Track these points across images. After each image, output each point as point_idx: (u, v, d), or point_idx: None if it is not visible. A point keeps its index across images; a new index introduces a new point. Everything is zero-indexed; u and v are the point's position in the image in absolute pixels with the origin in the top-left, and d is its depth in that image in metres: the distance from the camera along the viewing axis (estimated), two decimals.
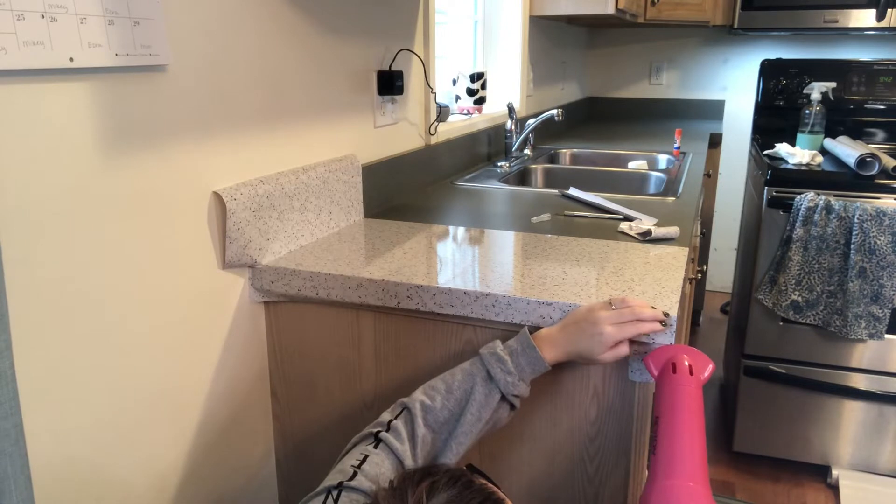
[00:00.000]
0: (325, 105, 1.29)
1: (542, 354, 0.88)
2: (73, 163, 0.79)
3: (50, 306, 0.78)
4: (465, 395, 0.86)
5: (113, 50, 0.81)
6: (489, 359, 0.88)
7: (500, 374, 0.87)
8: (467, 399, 0.86)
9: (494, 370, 0.87)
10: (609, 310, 0.88)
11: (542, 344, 0.89)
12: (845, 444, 2.08)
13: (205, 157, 1.00)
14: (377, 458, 0.79)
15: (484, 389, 0.86)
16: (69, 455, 0.83)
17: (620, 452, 1.00)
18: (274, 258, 1.13)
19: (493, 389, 0.86)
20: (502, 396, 0.87)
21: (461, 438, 0.86)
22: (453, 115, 2.08)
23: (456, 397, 0.86)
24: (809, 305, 1.96)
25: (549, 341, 0.89)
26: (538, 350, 0.88)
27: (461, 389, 0.87)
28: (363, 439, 0.83)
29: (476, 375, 0.87)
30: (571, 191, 1.65)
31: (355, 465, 0.77)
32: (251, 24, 1.06)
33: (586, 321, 0.88)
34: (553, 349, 0.89)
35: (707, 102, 3.43)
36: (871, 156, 1.92)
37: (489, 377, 0.87)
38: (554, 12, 2.39)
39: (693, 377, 0.85)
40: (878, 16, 2.56)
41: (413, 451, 0.82)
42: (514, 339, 0.90)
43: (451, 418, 0.86)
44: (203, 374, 1.04)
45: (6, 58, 0.70)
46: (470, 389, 0.86)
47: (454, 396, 0.86)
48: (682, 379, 0.85)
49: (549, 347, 0.89)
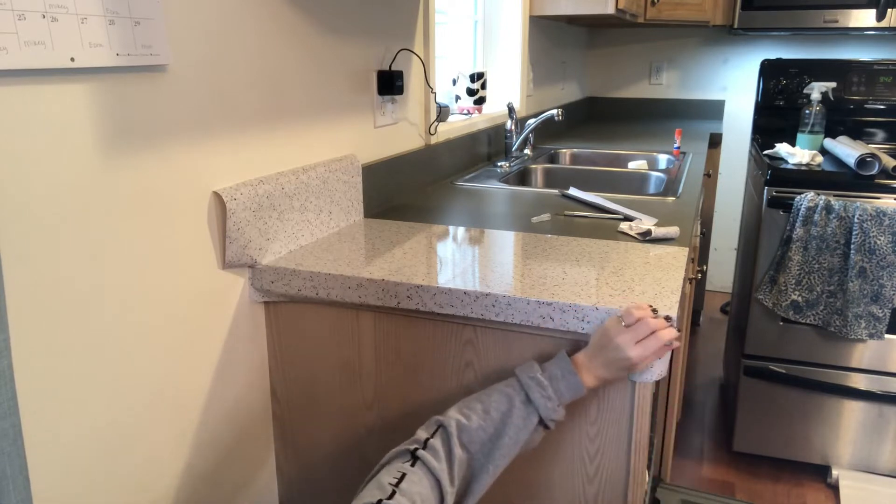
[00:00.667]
0: (325, 105, 1.29)
1: (582, 380, 0.88)
2: (73, 163, 0.79)
3: (49, 306, 0.78)
4: (502, 417, 0.85)
5: (114, 50, 0.81)
6: (529, 383, 0.87)
7: (540, 400, 0.86)
8: (505, 422, 0.85)
9: (534, 395, 0.86)
10: (625, 331, 0.87)
11: (580, 370, 0.89)
12: (845, 444, 2.08)
13: (205, 157, 1.00)
14: (415, 476, 0.78)
15: (522, 413, 0.86)
16: (68, 455, 0.83)
17: (620, 452, 1.00)
18: (274, 258, 1.13)
19: (531, 413, 0.86)
20: (540, 420, 0.87)
21: (498, 461, 0.85)
22: (453, 115, 2.08)
23: (493, 419, 0.85)
24: (809, 305, 1.96)
25: (586, 368, 0.89)
26: (578, 376, 0.88)
27: (499, 411, 0.86)
28: (399, 456, 0.81)
29: (515, 398, 0.87)
30: (571, 191, 1.65)
31: (393, 483, 0.76)
32: (251, 24, 1.06)
33: (607, 348, 0.88)
34: (590, 375, 0.89)
35: (707, 102, 3.43)
36: (871, 156, 1.92)
37: (528, 400, 0.86)
38: (554, 12, 2.39)
39: None
40: (878, 16, 2.56)
41: (450, 471, 0.81)
42: (552, 364, 0.89)
43: (487, 440, 0.85)
44: (203, 374, 1.04)
45: (7, 58, 0.70)
46: (508, 412, 0.85)
47: (491, 418, 0.85)
48: None
49: (587, 374, 0.89)
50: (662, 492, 1.91)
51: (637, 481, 1.01)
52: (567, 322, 0.95)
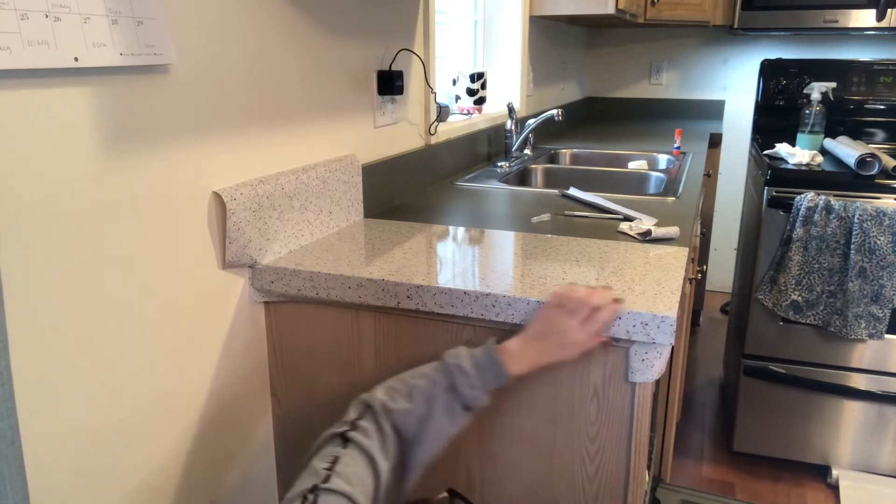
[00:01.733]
0: (325, 105, 1.29)
1: (508, 369, 0.89)
2: (74, 162, 0.79)
3: (49, 306, 0.78)
4: (427, 402, 0.86)
5: (117, 49, 0.81)
6: (455, 370, 0.88)
7: (465, 389, 0.87)
8: (430, 407, 0.86)
9: (459, 383, 0.87)
10: (568, 316, 0.89)
11: (509, 358, 0.89)
12: (845, 444, 2.08)
13: (205, 157, 1.00)
14: (348, 458, 0.78)
15: (446, 399, 0.87)
16: (66, 456, 0.83)
17: (620, 452, 1.00)
18: (274, 258, 1.13)
19: (455, 400, 0.87)
20: (464, 407, 0.88)
21: (427, 445, 0.86)
22: (453, 115, 2.08)
23: (418, 403, 0.86)
24: (809, 305, 1.96)
25: (516, 356, 0.90)
26: (504, 366, 0.89)
27: (423, 395, 0.86)
28: (329, 440, 0.81)
29: (439, 384, 0.87)
30: (571, 191, 1.65)
31: (327, 466, 0.76)
32: (251, 24, 1.06)
33: (553, 333, 0.89)
34: (520, 363, 0.90)
35: (707, 102, 3.43)
36: (871, 156, 1.92)
37: (453, 388, 0.87)
38: (554, 12, 2.39)
39: None
40: (878, 16, 2.56)
41: (383, 448, 0.82)
42: (480, 352, 0.90)
43: (413, 423, 0.85)
44: (203, 374, 1.04)
45: (11, 57, 0.70)
46: (432, 397, 0.86)
47: (416, 402, 0.86)
48: None
49: (517, 362, 0.90)
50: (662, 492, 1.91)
51: (637, 481, 1.01)
52: None
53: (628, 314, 0.92)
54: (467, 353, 0.90)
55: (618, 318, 0.92)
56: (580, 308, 0.89)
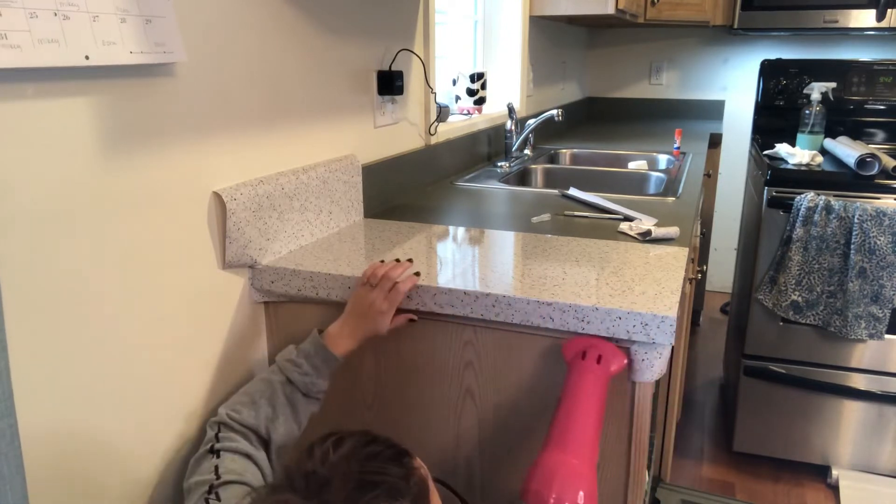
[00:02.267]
0: (325, 105, 1.29)
1: (334, 351, 0.97)
2: (74, 162, 0.79)
3: (49, 306, 0.78)
4: (269, 401, 0.94)
5: (127, 47, 0.81)
6: (286, 365, 0.96)
7: (298, 378, 0.95)
8: (273, 405, 0.94)
9: (293, 375, 0.95)
10: (372, 290, 0.98)
11: (333, 341, 0.97)
12: (845, 444, 2.08)
13: (205, 157, 1.00)
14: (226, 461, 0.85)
15: (285, 392, 0.95)
16: (65, 456, 0.83)
17: (620, 452, 1.00)
18: (274, 258, 1.13)
19: (294, 391, 0.95)
20: (304, 395, 0.96)
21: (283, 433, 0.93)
22: (453, 115, 2.08)
23: (260, 405, 0.93)
24: (809, 305, 1.96)
25: (338, 337, 0.98)
26: (329, 349, 0.96)
27: (263, 397, 0.94)
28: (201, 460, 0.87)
29: (275, 382, 0.95)
30: (571, 191, 1.65)
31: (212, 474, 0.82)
32: (251, 24, 1.06)
33: (362, 307, 0.98)
34: (342, 342, 0.98)
35: (707, 102, 3.43)
36: (871, 156, 1.92)
37: (288, 381, 0.95)
38: (554, 12, 2.39)
39: (600, 366, 0.90)
40: (878, 16, 2.56)
41: (252, 445, 0.89)
42: (306, 342, 0.98)
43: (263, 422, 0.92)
44: (203, 374, 1.04)
45: (22, 56, 0.69)
46: (272, 396, 0.94)
47: (258, 405, 0.93)
48: (590, 366, 0.90)
49: (339, 342, 0.97)
50: (662, 492, 1.91)
51: (637, 481, 1.01)
52: (567, 322, 0.95)
53: (628, 314, 0.92)
54: (295, 348, 0.98)
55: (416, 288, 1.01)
56: (383, 282, 0.98)
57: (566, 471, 0.79)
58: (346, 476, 0.61)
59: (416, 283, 1.01)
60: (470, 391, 1.06)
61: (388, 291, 0.98)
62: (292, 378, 0.95)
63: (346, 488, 0.60)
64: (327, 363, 0.97)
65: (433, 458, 1.11)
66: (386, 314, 0.98)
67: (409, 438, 1.11)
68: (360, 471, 0.62)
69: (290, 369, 0.96)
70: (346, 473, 0.61)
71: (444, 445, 1.10)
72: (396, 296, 0.98)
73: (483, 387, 1.05)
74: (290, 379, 0.95)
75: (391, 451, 0.66)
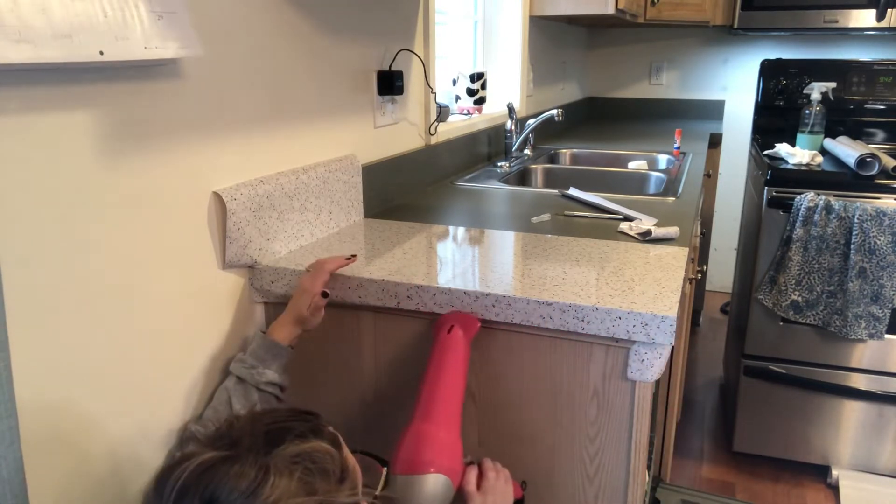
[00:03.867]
0: (325, 105, 1.29)
1: (275, 339, 0.99)
2: (75, 162, 0.79)
3: (49, 306, 0.78)
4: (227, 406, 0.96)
5: (141, 43, 0.80)
6: (234, 366, 0.99)
7: (244, 371, 0.98)
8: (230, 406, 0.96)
9: (238, 370, 0.98)
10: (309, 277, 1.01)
11: (275, 330, 1.00)
12: (845, 444, 2.08)
13: (205, 157, 0.99)
14: None
15: (240, 392, 0.97)
16: (65, 458, 0.83)
17: (620, 452, 1.00)
18: (274, 258, 1.13)
19: (246, 388, 0.97)
20: (257, 389, 0.97)
21: None
22: (453, 115, 2.08)
23: (221, 412, 0.96)
24: (809, 305, 1.96)
25: (279, 326, 1.01)
26: (271, 338, 0.99)
27: (223, 403, 0.97)
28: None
29: (228, 384, 0.98)
30: (571, 191, 1.65)
31: None
32: (252, 25, 1.06)
33: (301, 296, 1.01)
34: (282, 329, 1.00)
35: (707, 102, 3.43)
36: (871, 156, 1.92)
37: (239, 380, 0.98)
38: (554, 12, 2.39)
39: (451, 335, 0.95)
40: (878, 16, 2.56)
41: None
42: (252, 339, 1.01)
43: None
44: (203, 374, 1.04)
45: (35, 51, 0.68)
46: (228, 400, 0.97)
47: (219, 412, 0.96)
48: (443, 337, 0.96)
49: (279, 330, 1.00)
50: (662, 492, 1.91)
51: (637, 481, 1.01)
52: (567, 322, 0.95)
53: (628, 314, 0.92)
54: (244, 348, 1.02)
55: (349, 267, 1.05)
56: (315, 266, 1.02)
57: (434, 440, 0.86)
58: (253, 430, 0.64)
59: (344, 264, 1.04)
60: (470, 391, 1.06)
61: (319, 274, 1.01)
62: (240, 374, 0.98)
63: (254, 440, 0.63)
64: (270, 351, 0.99)
65: None
66: (307, 292, 1.00)
67: None
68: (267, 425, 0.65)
69: (236, 367, 0.99)
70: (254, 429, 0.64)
71: None
72: (319, 273, 1.01)
73: (483, 387, 1.05)
74: (239, 377, 0.98)
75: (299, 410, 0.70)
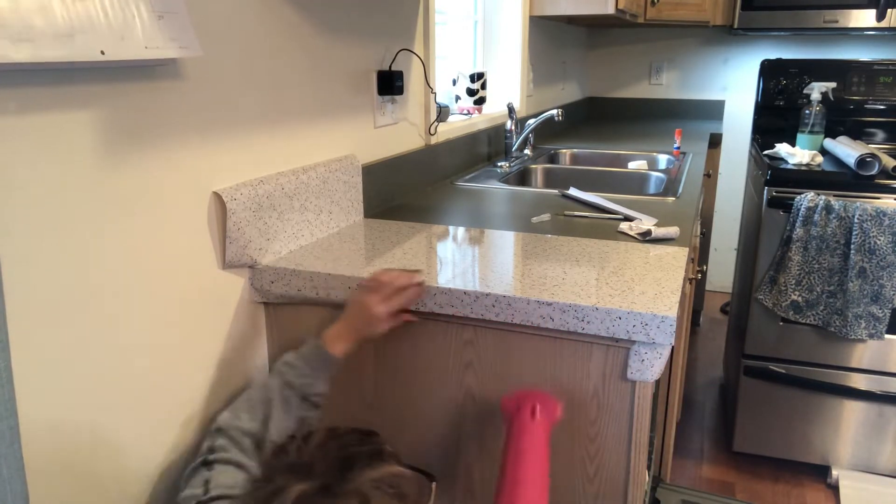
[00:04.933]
0: (325, 105, 1.29)
1: (332, 352, 0.97)
2: (75, 162, 0.79)
3: (49, 306, 0.78)
4: (265, 406, 0.93)
5: (142, 43, 0.80)
6: (282, 369, 0.96)
7: (296, 380, 0.95)
8: (269, 409, 0.93)
9: (290, 378, 0.95)
10: (371, 294, 0.98)
11: (330, 342, 0.97)
12: (845, 444, 2.08)
13: (205, 157, 1.00)
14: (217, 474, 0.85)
15: (283, 396, 0.94)
16: (65, 458, 0.83)
17: (620, 452, 1.00)
18: (274, 258, 1.13)
19: (292, 395, 0.94)
20: (302, 398, 0.95)
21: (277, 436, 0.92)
22: (453, 115, 2.08)
23: (258, 410, 0.93)
24: (809, 305, 1.96)
25: (336, 338, 0.98)
26: (326, 349, 0.97)
27: (262, 402, 0.93)
28: (194, 472, 0.87)
29: (273, 386, 0.95)
30: (571, 191, 1.65)
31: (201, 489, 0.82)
32: (252, 24, 1.06)
33: (360, 311, 0.99)
34: (339, 343, 0.98)
35: (707, 102, 3.43)
36: (871, 156, 1.92)
37: (287, 385, 0.95)
38: (554, 12, 2.39)
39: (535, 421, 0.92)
40: (878, 16, 2.56)
41: (244, 453, 0.89)
42: (305, 345, 0.98)
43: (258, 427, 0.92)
44: (203, 374, 1.04)
45: (37, 50, 0.68)
46: (269, 401, 0.93)
47: (256, 410, 0.93)
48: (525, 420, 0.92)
49: (337, 343, 0.98)
50: (662, 492, 1.91)
51: (637, 481, 1.01)
52: (567, 322, 0.95)
53: (628, 314, 0.92)
54: (294, 351, 0.98)
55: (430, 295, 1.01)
56: (382, 287, 0.98)
57: None
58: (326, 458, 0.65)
59: (419, 295, 1.01)
60: (470, 391, 1.06)
61: (387, 296, 0.98)
62: (289, 380, 0.95)
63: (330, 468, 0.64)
64: (325, 364, 0.97)
65: (433, 458, 1.11)
66: (381, 318, 0.98)
67: (410, 438, 1.11)
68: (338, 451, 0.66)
69: (286, 372, 0.95)
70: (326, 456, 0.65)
71: (445, 445, 1.10)
72: (395, 301, 0.99)
73: (483, 387, 1.05)
74: (288, 381, 0.95)
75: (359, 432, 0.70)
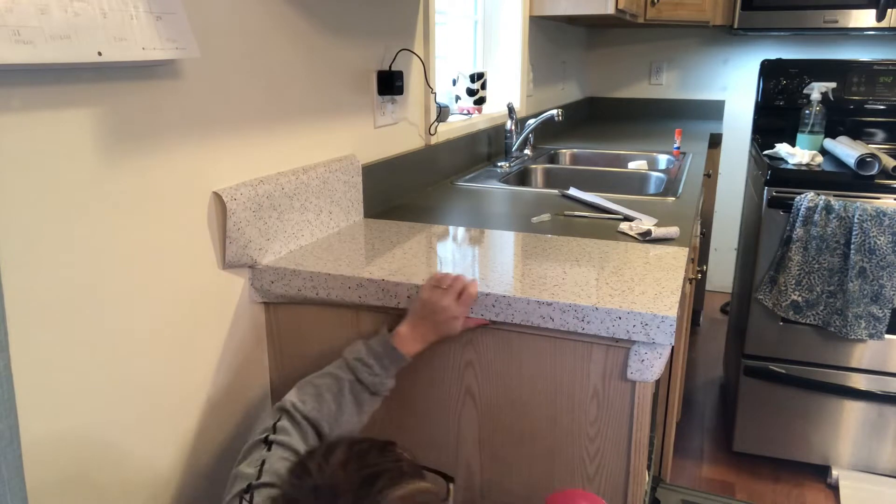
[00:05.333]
0: (325, 105, 1.29)
1: (405, 351, 0.96)
2: (74, 162, 0.79)
3: (49, 306, 0.78)
4: (335, 398, 0.93)
5: (140, 44, 0.80)
6: (356, 365, 0.96)
7: (368, 378, 0.95)
8: (339, 402, 0.93)
9: (362, 375, 0.95)
10: (446, 293, 0.97)
11: (402, 341, 0.97)
12: (845, 444, 2.08)
13: (205, 157, 1.00)
14: (274, 457, 0.85)
15: (353, 391, 0.94)
16: (65, 457, 0.83)
17: (620, 452, 1.00)
18: (274, 258, 1.13)
19: (362, 391, 0.95)
20: (371, 394, 0.96)
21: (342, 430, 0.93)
22: (453, 115, 2.08)
23: (327, 400, 0.93)
24: (809, 305, 1.96)
25: (408, 338, 0.98)
26: (399, 350, 0.96)
27: (331, 393, 0.94)
28: (254, 447, 0.87)
29: (344, 380, 0.95)
30: (571, 191, 1.65)
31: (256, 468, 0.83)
32: (252, 24, 1.06)
33: (434, 312, 0.97)
34: (412, 344, 0.98)
35: (707, 102, 3.43)
36: (871, 156, 1.92)
37: (358, 381, 0.95)
38: (554, 12, 2.39)
39: None
40: (878, 16, 2.56)
41: (304, 440, 0.89)
42: (376, 342, 0.97)
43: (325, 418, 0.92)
44: (203, 374, 1.04)
45: (35, 51, 0.68)
46: (339, 393, 0.94)
47: (325, 400, 0.93)
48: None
49: (411, 343, 0.97)
50: (662, 492, 1.91)
51: (637, 481, 1.01)
52: (567, 322, 0.95)
53: (628, 314, 0.92)
54: (364, 346, 0.97)
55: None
56: (455, 285, 0.98)
57: None
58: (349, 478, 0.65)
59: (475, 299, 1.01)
60: (470, 391, 1.06)
61: (460, 295, 0.97)
62: (362, 378, 0.95)
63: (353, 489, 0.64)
64: (396, 363, 0.97)
65: (433, 458, 1.11)
66: (459, 318, 0.98)
67: (410, 438, 1.11)
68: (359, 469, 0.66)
69: (360, 369, 0.95)
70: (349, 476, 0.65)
71: (445, 445, 1.10)
72: (469, 299, 0.98)
73: (483, 387, 1.05)
74: (360, 379, 0.95)
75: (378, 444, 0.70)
